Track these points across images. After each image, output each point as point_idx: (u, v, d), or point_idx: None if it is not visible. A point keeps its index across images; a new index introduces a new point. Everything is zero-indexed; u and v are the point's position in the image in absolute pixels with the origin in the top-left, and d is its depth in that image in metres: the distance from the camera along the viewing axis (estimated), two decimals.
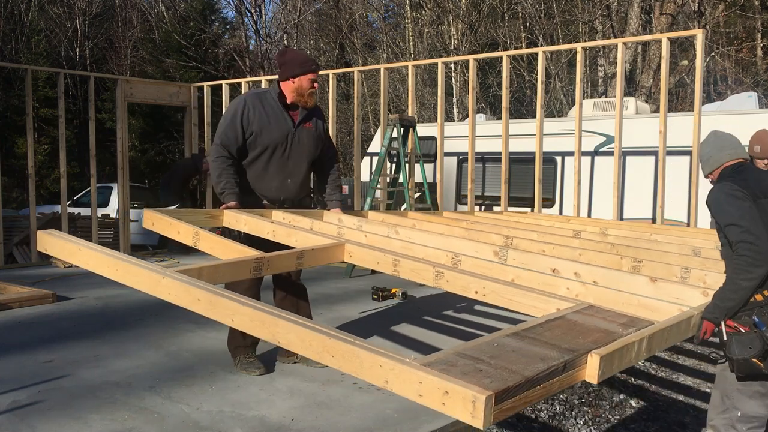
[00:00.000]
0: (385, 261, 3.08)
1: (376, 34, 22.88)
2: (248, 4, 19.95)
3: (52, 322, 5.46)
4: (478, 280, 2.78)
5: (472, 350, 1.97)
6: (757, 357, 2.64)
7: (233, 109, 3.97)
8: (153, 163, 21.26)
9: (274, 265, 3.04)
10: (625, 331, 2.21)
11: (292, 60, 3.97)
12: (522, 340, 2.09)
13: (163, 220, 3.43)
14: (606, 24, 15.34)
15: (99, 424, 3.33)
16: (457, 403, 1.73)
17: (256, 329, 2.28)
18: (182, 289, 2.52)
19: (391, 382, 1.89)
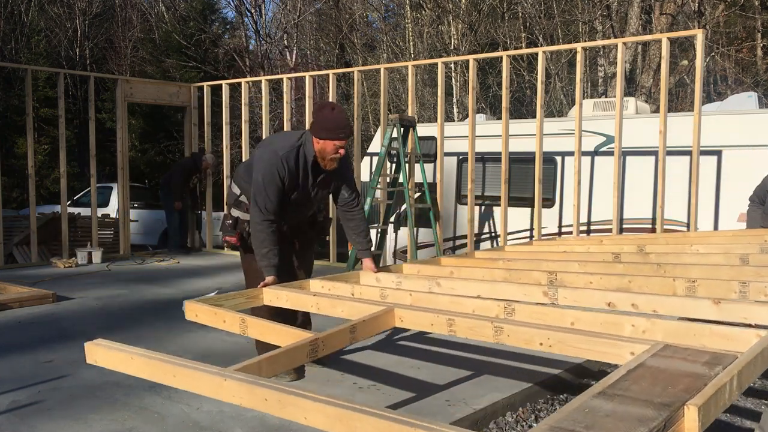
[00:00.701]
0: (439, 322, 3.01)
1: (376, 34, 22.87)
2: (248, 4, 19.96)
3: (52, 322, 5.46)
4: (539, 332, 2.69)
5: (564, 421, 1.89)
6: None
7: (273, 173, 3.77)
8: (153, 163, 21.25)
9: (329, 344, 2.97)
10: (712, 371, 2.13)
11: (323, 120, 3.78)
12: (611, 400, 2.01)
13: (206, 311, 3.38)
14: (606, 24, 15.33)
15: (99, 424, 3.33)
16: None
17: (332, 426, 2.18)
18: (246, 390, 2.44)
19: None
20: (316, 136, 3.80)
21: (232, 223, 4.08)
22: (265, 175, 3.79)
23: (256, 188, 3.80)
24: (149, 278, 7.60)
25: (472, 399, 3.75)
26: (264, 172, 3.80)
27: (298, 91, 16.46)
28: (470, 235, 7.72)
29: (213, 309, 3.32)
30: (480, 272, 4.05)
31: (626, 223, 7.56)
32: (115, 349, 2.90)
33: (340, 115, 3.79)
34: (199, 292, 6.78)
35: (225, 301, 3.51)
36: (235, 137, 12.73)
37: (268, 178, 3.78)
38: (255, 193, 3.80)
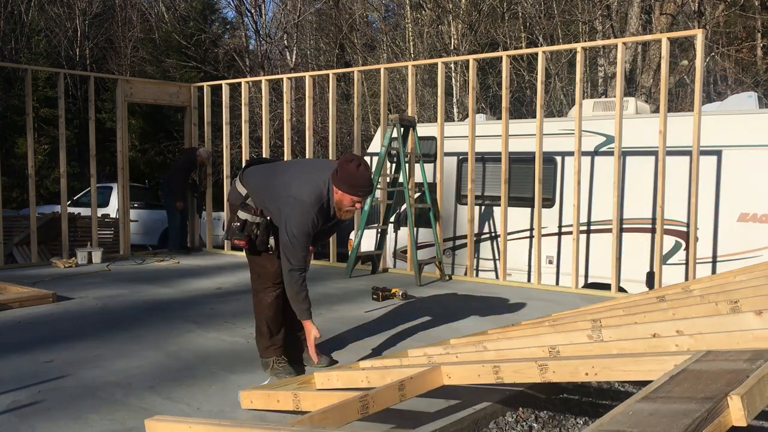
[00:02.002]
0: (485, 371, 3.03)
1: (376, 34, 22.87)
2: (248, 4, 19.95)
3: (52, 322, 5.46)
4: (584, 362, 2.69)
5: (610, 424, 1.91)
6: None
7: (307, 228, 3.85)
8: (153, 163, 21.27)
9: (379, 401, 3.02)
10: (754, 365, 2.12)
11: (347, 175, 3.80)
12: (654, 402, 2.02)
13: (260, 395, 3.48)
14: (606, 24, 15.33)
15: (99, 424, 3.33)
16: None
17: None
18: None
19: None
20: (336, 187, 3.84)
21: (240, 225, 4.07)
22: (300, 229, 3.85)
23: (291, 241, 3.84)
24: (149, 278, 7.60)
25: (472, 399, 3.75)
26: (299, 227, 3.84)
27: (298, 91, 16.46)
28: (470, 235, 7.72)
29: (266, 392, 3.43)
30: (526, 330, 4.09)
31: (626, 223, 7.56)
32: (173, 422, 3.00)
33: (364, 172, 3.84)
34: (199, 292, 6.78)
35: (278, 387, 3.60)
36: (235, 137, 12.74)
37: (303, 230, 3.85)
38: (290, 245, 3.85)
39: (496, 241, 8.59)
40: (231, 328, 5.26)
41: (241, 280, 7.49)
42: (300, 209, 3.83)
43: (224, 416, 3.45)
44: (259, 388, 3.60)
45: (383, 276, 7.86)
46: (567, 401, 4.13)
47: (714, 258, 6.89)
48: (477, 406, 3.65)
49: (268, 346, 4.15)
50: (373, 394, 2.98)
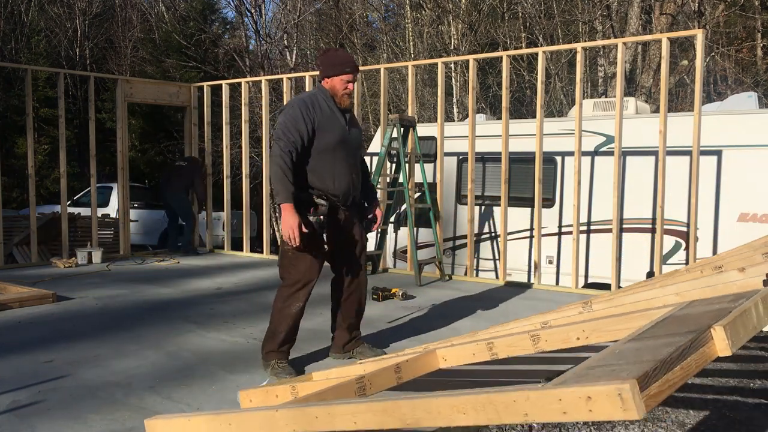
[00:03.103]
0: (480, 348, 3.08)
1: (376, 34, 22.87)
2: (248, 4, 19.92)
3: (52, 322, 5.46)
4: (575, 326, 2.76)
5: (597, 361, 1.99)
6: None
7: (294, 110, 3.91)
8: (153, 163, 21.26)
9: (376, 383, 3.05)
10: (736, 304, 2.20)
11: (327, 61, 4.01)
12: (640, 341, 2.11)
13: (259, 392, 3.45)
14: (606, 24, 15.33)
15: (99, 424, 3.33)
16: (604, 403, 1.73)
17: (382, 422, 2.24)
18: (298, 413, 2.52)
19: (531, 413, 1.89)
20: (325, 77, 3.99)
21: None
22: (288, 115, 3.91)
23: (277, 128, 3.89)
24: (149, 278, 7.60)
25: None
26: (285, 114, 3.93)
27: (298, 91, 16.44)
28: (470, 235, 7.72)
29: (264, 389, 3.43)
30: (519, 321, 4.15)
31: (626, 223, 7.56)
32: (169, 419, 3.01)
33: (344, 53, 4.01)
34: (199, 292, 6.78)
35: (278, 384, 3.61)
36: (235, 137, 12.73)
37: (290, 116, 3.89)
38: (276, 133, 3.88)
39: (496, 241, 8.59)
40: (231, 328, 5.26)
41: (241, 280, 7.49)
42: (289, 103, 4.02)
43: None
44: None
45: (383, 276, 7.86)
46: None
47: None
48: None
49: (273, 350, 4.09)
50: (369, 376, 3.02)
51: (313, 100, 3.97)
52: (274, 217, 19.25)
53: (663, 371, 1.80)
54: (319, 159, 3.95)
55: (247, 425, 2.71)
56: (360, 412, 2.31)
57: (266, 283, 7.42)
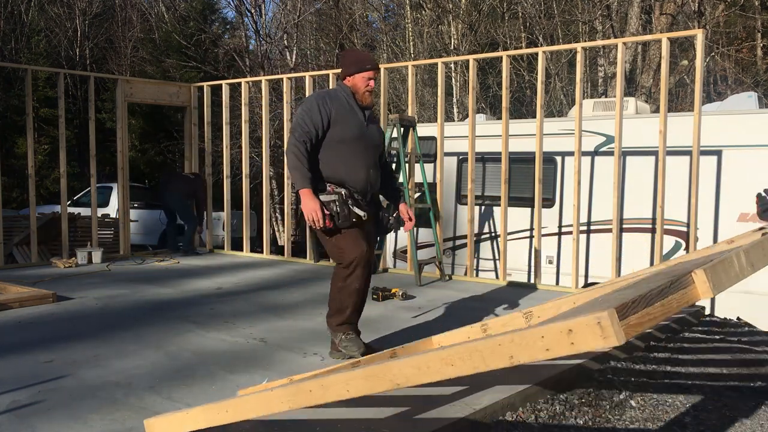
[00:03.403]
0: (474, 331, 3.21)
1: (376, 34, 22.87)
2: (248, 4, 19.93)
3: (52, 322, 5.46)
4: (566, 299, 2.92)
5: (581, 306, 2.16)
6: None
7: (311, 103, 4.03)
8: (153, 163, 21.26)
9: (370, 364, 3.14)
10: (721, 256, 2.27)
11: (347, 60, 4.16)
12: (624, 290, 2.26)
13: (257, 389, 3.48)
14: (606, 24, 15.33)
15: (99, 424, 3.33)
16: (585, 334, 1.80)
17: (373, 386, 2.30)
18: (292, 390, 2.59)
19: (516, 354, 1.96)
20: (346, 75, 4.12)
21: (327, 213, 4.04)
22: (305, 107, 4.03)
23: (294, 120, 4.02)
24: (149, 278, 7.60)
25: (472, 399, 3.75)
26: (303, 106, 4.05)
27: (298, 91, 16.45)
28: (470, 235, 7.72)
29: (262, 385, 3.49)
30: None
31: (626, 223, 7.56)
32: (168, 416, 3.08)
33: (363, 51, 4.33)
34: (199, 292, 6.78)
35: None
36: (235, 137, 12.74)
37: (307, 108, 4.01)
38: (292, 125, 4.01)
39: (496, 241, 8.59)
40: (231, 328, 5.26)
41: (241, 281, 7.49)
42: (308, 98, 4.14)
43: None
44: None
45: (383, 276, 7.86)
46: (567, 401, 4.13)
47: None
48: (477, 406, 3.65)
49: (342, 323, 4.15)
50: (364, 359, 3.06)
51: (332, 95, 4.11)
52: (274, 216, 19.26)
53: (642, 305, 1.85)
54: (336, 151, 4.04)
55: (243, 408, 2.75)
56: (352, 379, 2.36)
57: (266, 283, 7.42)
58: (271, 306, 5.98)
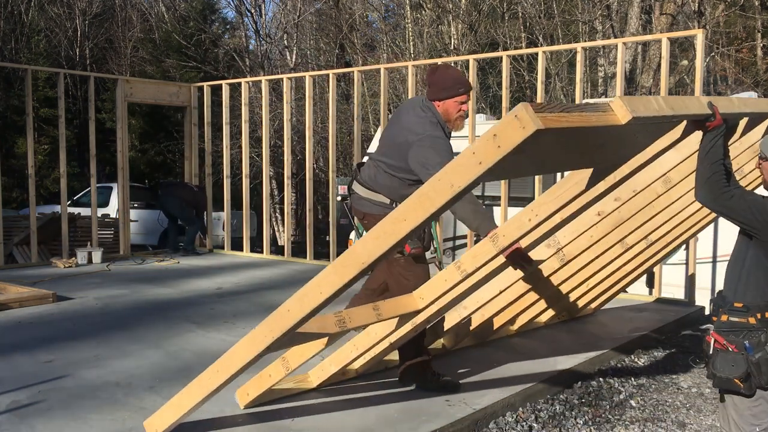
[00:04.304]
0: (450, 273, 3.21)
1: (376, 34, 22.86)
2: (248, 4, 19.93)
3: (52, 322, 5.46)
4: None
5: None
6: (739, 378, 2.69)
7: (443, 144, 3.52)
8: (153, 163, 21.25)
9: (355, 318, 3.19)
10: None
11: (439, 81, 3.69)
12: None
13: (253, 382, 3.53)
14: (606, 24, 15.32)
15: (99, 424, 3.33)
16: (507, 132, 1.96)
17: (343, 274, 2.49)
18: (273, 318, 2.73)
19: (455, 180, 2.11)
20: (436, 100, 3.66)
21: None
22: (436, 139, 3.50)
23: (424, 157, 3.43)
24: (149, 278, 7.60)
25: (472, 399, 3.75)
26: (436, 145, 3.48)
27: (298, 91, 16.46)
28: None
29: (257, 376, 3.49)
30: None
31: None
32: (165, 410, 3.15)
33: (455, 70, 3.71)
34: (199, 292, 6.78)
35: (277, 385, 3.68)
36: (235, 137, 12.73)
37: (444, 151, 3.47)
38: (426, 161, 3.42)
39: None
40: (231, 328, 5.26)
41: (242, 280, 7.49)
42: (424, 114, 3.61)
43: (224, 416, 3.45)
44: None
45: None
46: (567, 401, 4.13)
47: (714, 258, 6.88)
48: (477, 406, 3.65)
49: (424, 362, 3.87)
50: (348, 312, 3.17)
51: (444, 138, 3.63)
52: (274, 216, 19.26)
53: (559, 109, 1.99)
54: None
55: (232, 361, 2.88)
56: (322, 280, 2.53)
57: (266, 283, 7.42)
58: (271, 306, 5.94)
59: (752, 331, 2.72)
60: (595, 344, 4.97)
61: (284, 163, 9.58)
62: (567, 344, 4.96)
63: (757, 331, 2.72)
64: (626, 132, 2.37)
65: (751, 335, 2.71)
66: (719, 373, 2.74)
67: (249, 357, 2.84)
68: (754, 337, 2.71)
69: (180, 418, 3.10)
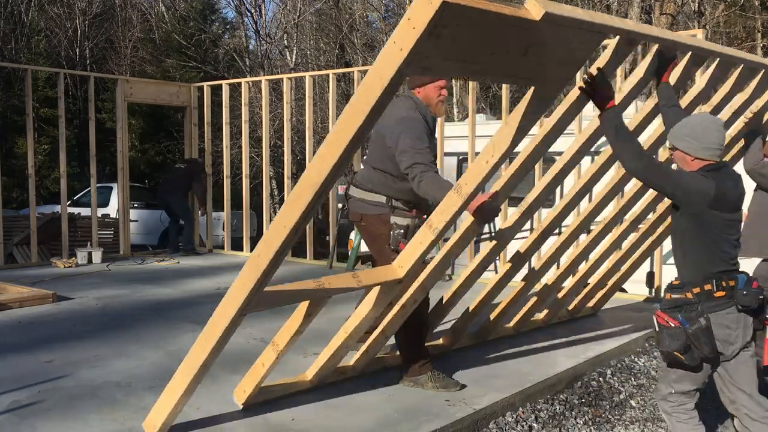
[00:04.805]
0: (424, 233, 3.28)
1: (376, 34, 22.85)
2: (248, 4, 19.94)
3: (52, 322, 5.46)
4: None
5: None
6: (679, 351, 2.87)
7: (418, 127, 3.65)
8: (153, 163, 21.24)
9: (334, 284, 3.27)
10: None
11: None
12: None
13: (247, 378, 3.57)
14: None
15: (99, 424, 3.33)
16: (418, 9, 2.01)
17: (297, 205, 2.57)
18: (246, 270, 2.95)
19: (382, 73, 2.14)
20: (417, 87, 3.81)
21: (404, 232, 3.78)
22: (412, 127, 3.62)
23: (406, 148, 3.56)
24: (149, 278, 7.60)
25: (472, 399, 3.75)
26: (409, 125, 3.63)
27: (298, 91, 16.46)
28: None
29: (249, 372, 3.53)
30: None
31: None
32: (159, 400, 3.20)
33: None
34: (199, 292, 6.78)
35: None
36: (235, 137, 12.73)
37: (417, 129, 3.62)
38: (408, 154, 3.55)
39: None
40: None
41: None
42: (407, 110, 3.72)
43: (224, 416, 3.45)
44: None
45: None
46: (567, 401, 4.13)
47: None
48: (477, 406, 3.65)
49: (424, 363, 3.89)
50: (326, 278, 3.28)
51: (422, 121, 3.73)
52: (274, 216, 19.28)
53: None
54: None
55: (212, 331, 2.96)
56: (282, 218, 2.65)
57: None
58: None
59: (689, 305, 2.90)
60: (595, 344, 4.97)
61: (284, 163, 9.57)
62: (567, 344, 4.96)
63: (694, 305, 2.89)
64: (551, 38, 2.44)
65: (688, 309, 2.89)
66: (663, 348, 2.92)
67: (230, 316, 2.88)
68: (690, 311, 2.88)
69: (176, 406, 3.09)
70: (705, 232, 2.92)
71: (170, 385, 3.11)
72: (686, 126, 2.99)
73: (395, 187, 3.80)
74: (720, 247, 2.93)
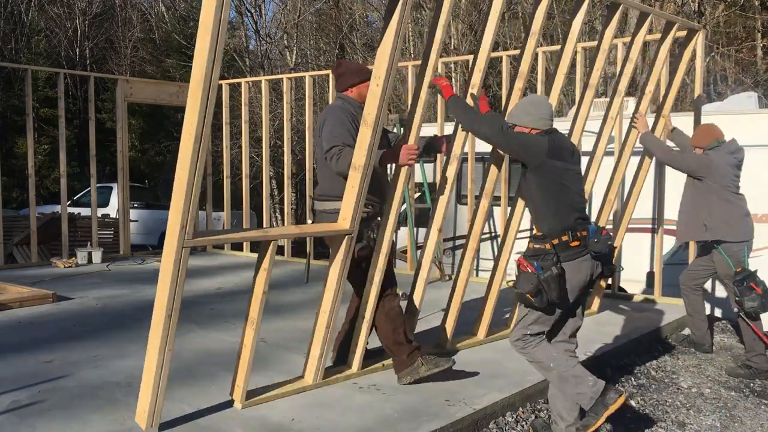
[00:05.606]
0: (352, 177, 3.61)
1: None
2: (248, 4, 19.92)
3: (52, 322, 5.46)
4: None
5: None
6: (531, 293, 3.23)
7: (339, 115, 3.85)
8: (153, 163, 21.25)
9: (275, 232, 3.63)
10: None
11: (347, 70, 4.05)
12: None
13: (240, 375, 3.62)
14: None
15: (99, 424, 3.33)
16: None
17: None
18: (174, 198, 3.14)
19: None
20: (350, 86, 3.99)
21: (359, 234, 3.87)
22: (334, 119, 3.84)
23: (326, 136, 3.79)
24: (149, 278, 7.60)
25: (472, 399, 3.75)
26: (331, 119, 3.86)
27: (298, 91, 16.45)
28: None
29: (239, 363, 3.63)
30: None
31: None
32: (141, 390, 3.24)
33: (355, 62, 4.06)
34: (199, 292, 6.78)
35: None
36: (235, 137, 12.73)
37: (338, 119, 3.83)
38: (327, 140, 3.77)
39: (497, 241, 8.59)
40: (231, 328, 5.26)
41: (243, 280, 7.48)
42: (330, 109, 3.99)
43: (225, 416, 3.45)
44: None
45: None
46: None
47: None
48: (477, 406, 3.65)
49: (412, 351, 3.97)
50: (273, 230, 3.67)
51: (346, 111, 3.89)
52: (274, 217, 19.26)
53: None
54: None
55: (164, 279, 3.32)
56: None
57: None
58: (271, 306, 5.97)
59: (547, 255, 3.28)
60: (594, 344, 4.97)
61: (284, 163, 9.57)
62: None
63: (551, 255, 3.27)
64: None
65: (545, 258, 3.26)
66: (518, 289, 3.28)
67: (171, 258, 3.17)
68: (546, 260, 3.26)
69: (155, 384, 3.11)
70: (551, 179, 3.40)
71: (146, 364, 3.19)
72: (521, 105, 3.68)
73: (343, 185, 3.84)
74: (568, 196, 3.40)
